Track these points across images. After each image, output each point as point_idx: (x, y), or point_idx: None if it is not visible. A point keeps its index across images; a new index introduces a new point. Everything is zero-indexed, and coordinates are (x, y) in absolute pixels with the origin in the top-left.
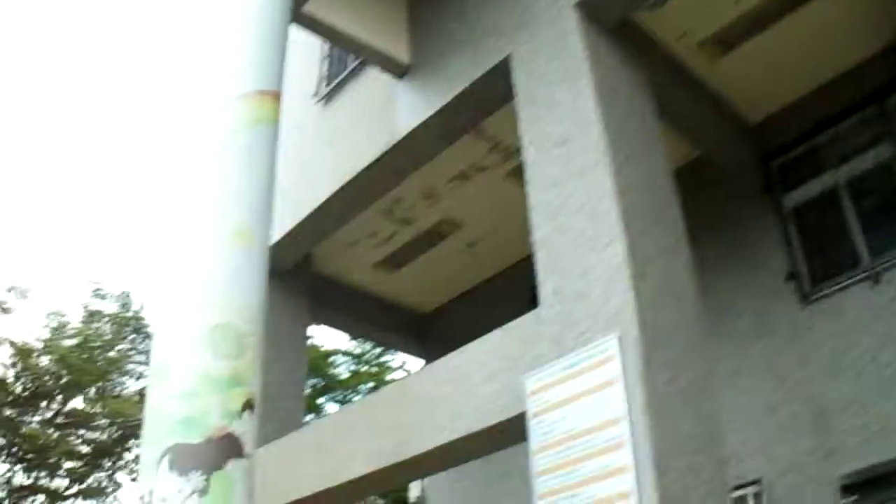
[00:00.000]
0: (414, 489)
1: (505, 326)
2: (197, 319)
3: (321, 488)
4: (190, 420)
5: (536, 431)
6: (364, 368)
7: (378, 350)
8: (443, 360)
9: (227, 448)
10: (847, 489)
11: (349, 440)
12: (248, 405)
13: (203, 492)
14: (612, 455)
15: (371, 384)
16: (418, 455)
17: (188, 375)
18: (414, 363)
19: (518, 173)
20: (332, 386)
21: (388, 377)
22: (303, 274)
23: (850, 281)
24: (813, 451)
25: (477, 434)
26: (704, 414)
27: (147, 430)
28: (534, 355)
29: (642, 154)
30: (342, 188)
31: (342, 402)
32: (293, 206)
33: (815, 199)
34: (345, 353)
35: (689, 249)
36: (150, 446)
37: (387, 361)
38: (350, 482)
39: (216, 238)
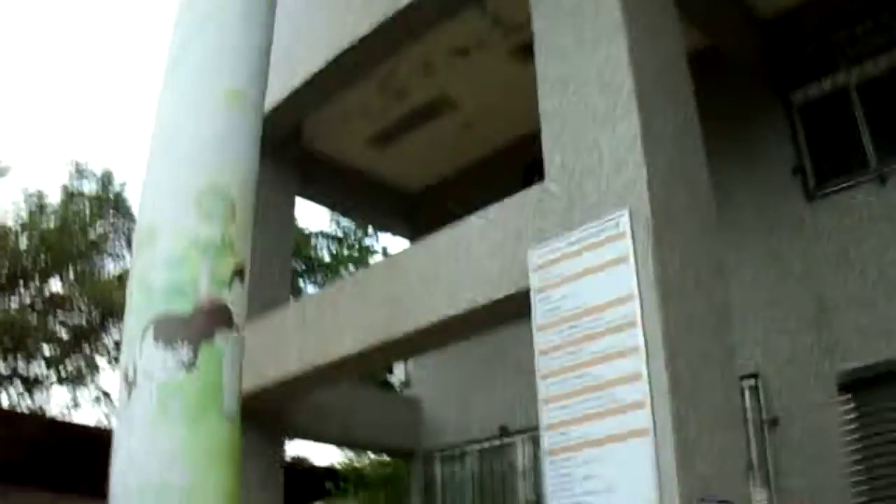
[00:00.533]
0: (398, 373)
1: (507, 199)
2: (186, 181)
3: (307, 366)
4: (177, 288)
5: (541, 308)
6: (345, 252)
7: (360, 233)
8: (440, 232)
9: (216, 318)
10: (845, 387)
11: (339, 316)
12: (238, 273)
13: (190, 365)
14: (622, 335)
15: (352, 268)
16: (413, 332)
17: (176, 240)
18: (397, 247)
19: (519, 51)
20: (312, 268)
21: (370, 261)
22: (292, 147)
23: (857, 180)
24: (813, 346)
25: (476, 310)
26: (716, 298)
27: (131, 301)
28: (538, 229)
29: (658, 31)
30: (337, 58)
31: (322, 286)
32: (285, 76)
33: (824, 98)
34: (326, 236)
35: (700, 134)
36: (134, 318)
37: (369, 245)
38: (338, 360)
39: (209, 98)
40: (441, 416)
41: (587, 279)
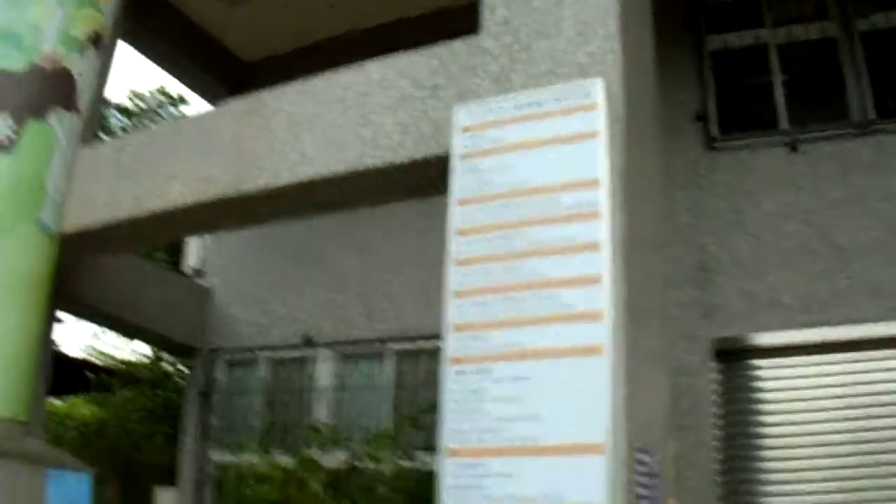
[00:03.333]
0: (191, 258)
1: (419, 51)
2: None
3: (119, 217)
4: (11, 34)
5: (465, 178)
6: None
7: (156, 115)
8: (326, 75)
9: (55, 88)
10: (718, 354)
11: (169, 162)
12: (96, 38)
13: (8, 143)
14: (581, 225)
15: None
16: (269, 188)
17: None
18: None
19: None
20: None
21: None
22: None
23: (764, 140)
24: (690, 305)
25: (362, 173)
26: (659, 208)
27: None
28: (464, 87)
29: None
30: None
31: None
32: None
33: (741, 50)
34: (120, 109)
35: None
36: None
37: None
38: (159, 213)
39: None
40: (235, 314)
41: (537, 151)
